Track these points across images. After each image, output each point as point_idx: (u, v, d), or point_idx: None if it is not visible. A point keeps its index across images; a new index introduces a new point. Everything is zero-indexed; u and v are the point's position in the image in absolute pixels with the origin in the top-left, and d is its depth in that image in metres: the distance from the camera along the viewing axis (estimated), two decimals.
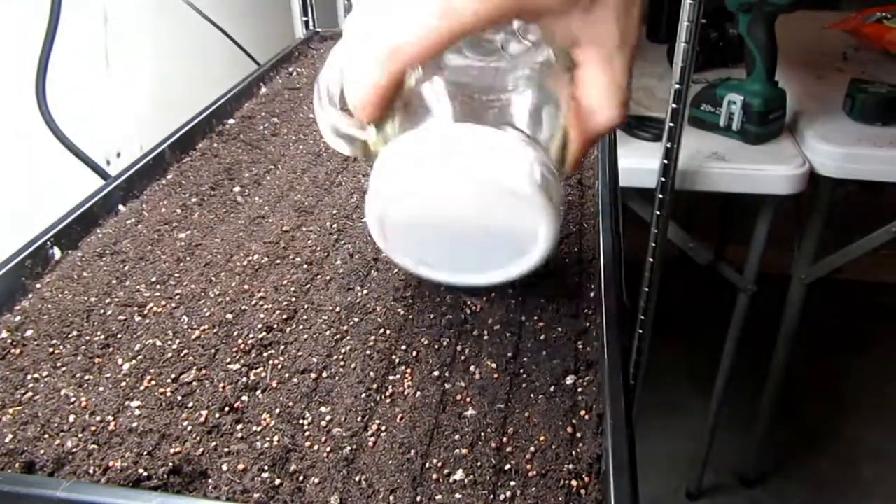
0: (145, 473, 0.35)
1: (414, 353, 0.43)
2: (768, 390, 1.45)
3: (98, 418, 0.39)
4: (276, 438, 0.38)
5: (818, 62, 1.46)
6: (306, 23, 1.00)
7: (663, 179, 1.09)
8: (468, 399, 0.40)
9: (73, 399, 0.40)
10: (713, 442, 1.49)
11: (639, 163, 1.14)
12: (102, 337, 0.45)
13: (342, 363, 0.42)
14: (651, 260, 1.18)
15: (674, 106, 1.03)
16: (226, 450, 0.37)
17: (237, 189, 0.62)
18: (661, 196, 1.11)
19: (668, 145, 1.06)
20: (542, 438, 0.37)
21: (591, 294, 0.47)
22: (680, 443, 1.72)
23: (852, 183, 1.18)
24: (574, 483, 0.35)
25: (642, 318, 1.26)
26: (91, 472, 0.36)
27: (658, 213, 1.13)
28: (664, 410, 1.82)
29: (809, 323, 1.48)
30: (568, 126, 0.35)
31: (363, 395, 0.40)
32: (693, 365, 1.93)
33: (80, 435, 0.38)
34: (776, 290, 1.35)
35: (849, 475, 1.65)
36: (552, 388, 0.40)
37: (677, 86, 1.02)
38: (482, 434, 0.37)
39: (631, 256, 1.38)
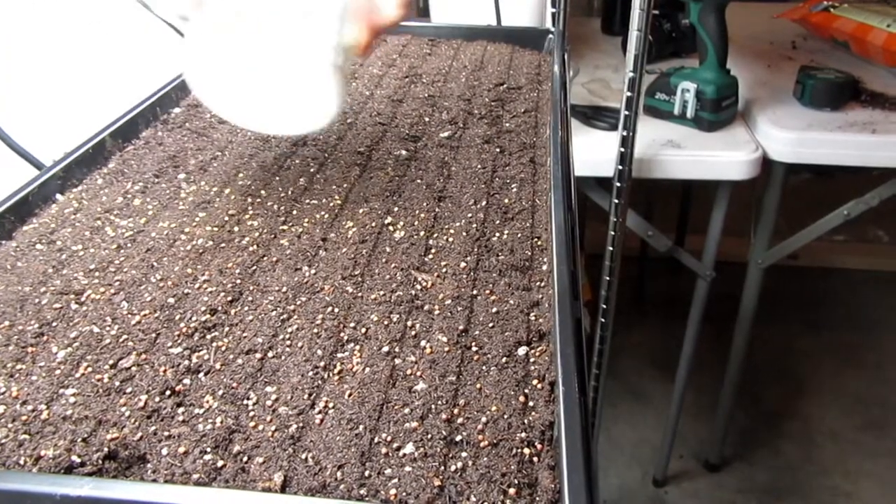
0: (78, 460, 0.33)
1: (363, 331, 0.42)
2: (729, 375, 1.47)
3: (30, 407, 0.37)
4: (219, 420, 0.36)
5: (768, 51, 1.49)
6: None
7: (620, 168, 1.10)
8: (419, 373, 0.39)
9: (2, 389, 0.38)
10: (678, 428, 1.51)
11: (596, 152, 1.15)
12: (36, 326, 0.43)
13: (289, 343, 0.41)
14: (611, 248, 1.18)
15: (628, 94, 1.04)
16: (166, 433, 0.35)
17: (182, 176, 0.60)
18: (618, 184, 1.12)
19: (625, 133, 1.06)
20: (493, 409, 0.36)
21: (544, 267, 0.47)
22: (645, 430, 1.74)
23: (805, 168, 1.21)
24: (526, 451, 0.34)
25: (604, 306, 1.26)
26: (22, 462, 0.34)
27: (616, 201, 1.13)
28: (628, 399, 1.84)
29: (768, 309, 1.51)
30: (361, 17, 0.47)
31: (310, 374, 0.39)
32: (655, 353, 1.96)
33: (9, 425, 0.36)
34: (736, 279, 1.37)
35: (809, 456, 1.68)
36: (504, 360, 0.39)
37: (631, 74, 1.03)
38: (433, 407, 0.36)
39: (594, 251, 1.38)
